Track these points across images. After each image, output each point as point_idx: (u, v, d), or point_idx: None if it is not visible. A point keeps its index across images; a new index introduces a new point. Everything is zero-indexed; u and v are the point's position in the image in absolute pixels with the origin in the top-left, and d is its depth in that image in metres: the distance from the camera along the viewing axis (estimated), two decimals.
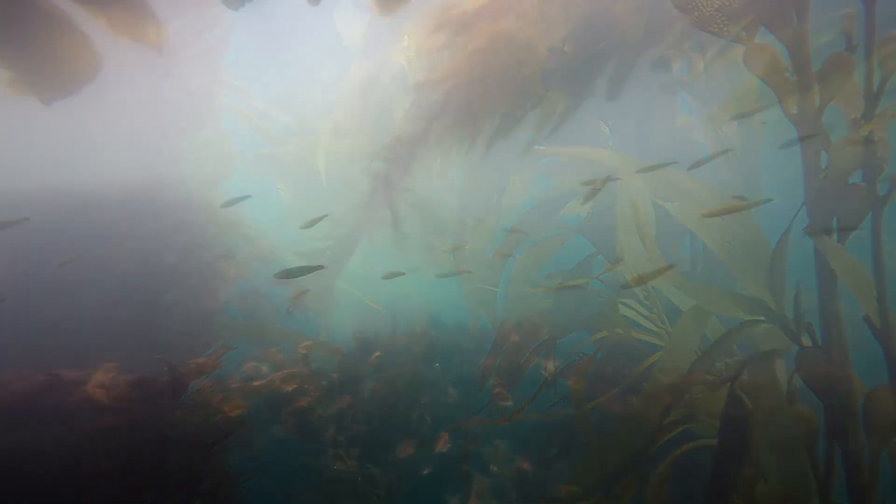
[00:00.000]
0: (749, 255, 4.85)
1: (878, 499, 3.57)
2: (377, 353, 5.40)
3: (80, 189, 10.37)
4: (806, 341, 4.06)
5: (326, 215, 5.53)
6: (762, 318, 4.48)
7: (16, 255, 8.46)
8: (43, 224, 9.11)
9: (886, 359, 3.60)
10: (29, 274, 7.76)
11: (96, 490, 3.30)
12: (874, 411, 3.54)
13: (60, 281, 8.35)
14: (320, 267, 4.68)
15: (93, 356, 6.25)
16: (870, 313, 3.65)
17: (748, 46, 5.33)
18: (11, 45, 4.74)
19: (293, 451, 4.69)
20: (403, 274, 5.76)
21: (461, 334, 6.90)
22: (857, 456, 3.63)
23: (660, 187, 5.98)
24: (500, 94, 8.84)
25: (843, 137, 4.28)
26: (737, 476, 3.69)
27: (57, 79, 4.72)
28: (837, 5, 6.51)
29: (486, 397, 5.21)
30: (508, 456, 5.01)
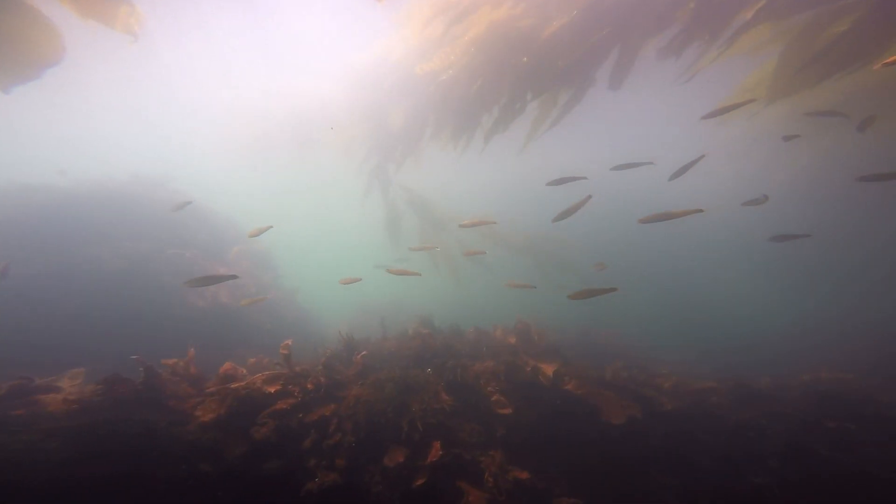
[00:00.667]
0: None
1: None
2: (363, 352, 5.09)
3: (60, 185, 10.10)
4: None
5: (272, 226, 5.88)
6: None
7: None
8: (18, 221, 8.87)
9: None
10: (4, 274, 7.52)
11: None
12: None
13: (43, 279, 8.10)
14: (234, 276, 5.12)
15: (71, 357, 5.97)
16: None
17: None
18: None
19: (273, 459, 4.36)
20: (360, 280, 6.03)
21: (455, 336, 6.56)
22: None
23: None
24: (500, 84, 8.45)
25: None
26: None
27: (15, 64, 4.38)
28: None
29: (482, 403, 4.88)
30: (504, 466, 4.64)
